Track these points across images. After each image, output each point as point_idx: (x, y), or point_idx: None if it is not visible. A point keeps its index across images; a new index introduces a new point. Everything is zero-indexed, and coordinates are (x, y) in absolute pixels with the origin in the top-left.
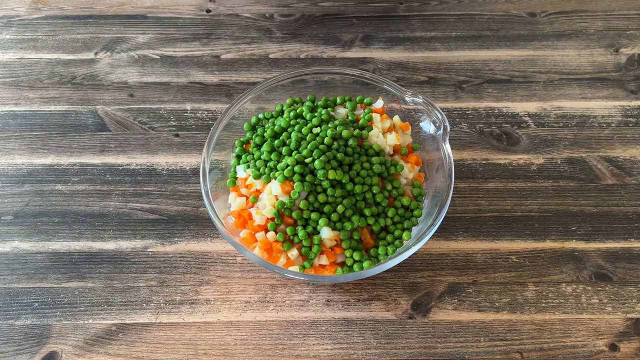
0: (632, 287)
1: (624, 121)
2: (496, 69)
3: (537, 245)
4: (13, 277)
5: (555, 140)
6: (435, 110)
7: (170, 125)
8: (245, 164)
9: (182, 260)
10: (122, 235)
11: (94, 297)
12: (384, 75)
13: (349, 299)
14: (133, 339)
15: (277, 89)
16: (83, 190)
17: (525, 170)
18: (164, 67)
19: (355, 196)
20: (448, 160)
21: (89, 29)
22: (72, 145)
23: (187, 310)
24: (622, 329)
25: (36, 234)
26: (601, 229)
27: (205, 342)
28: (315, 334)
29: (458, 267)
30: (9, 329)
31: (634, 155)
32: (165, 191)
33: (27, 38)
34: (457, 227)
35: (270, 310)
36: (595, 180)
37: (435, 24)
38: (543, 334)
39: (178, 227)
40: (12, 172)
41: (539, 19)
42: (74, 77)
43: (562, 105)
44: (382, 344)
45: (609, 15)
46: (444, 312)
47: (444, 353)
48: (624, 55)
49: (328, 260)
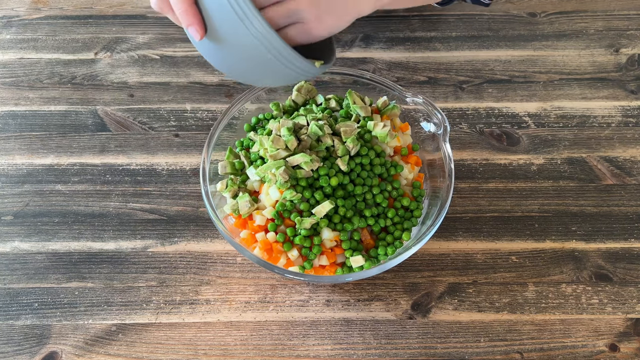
0: (632, 287)
1: (624, 121)
2: (496, 69)
3: (537, 245)
4: (13, 277)
5: (555, 140)
6: (435, 111)
7: (170, 126)
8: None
9: (182, 261)
10: (122, 236)
11: (94, 297)
12: (384, 75)
13: (349, 299)
14: (133, 339)
15: (277, 90)
16: (83, 191)
17: (525, 170)
18: (164, 67)
19: (356, 197)
20: (448, 160)
21: (89, 29)
22: (72, 146)
23: (187, 311)
24: (622, 329)
25: (36, 234)
26: (601, 229)
27: (205, 343)
28: (315, 334)
29: (458, 268)
30: (9, 329)
31: (634, 155)
32: (165, 191)
33: (27, 38)
34: (457, 227)
35: (270, 310)
36: (595, 181)
37: (435, 24)
38: (543, 334)
39: (178, 227)
40: (12, 172)
41: (539, 19)
42: (74, 77)
43: (562, 105)
44: (382, 344)
45: (609, 16)
46: (444, 313)
47: (443, 353)
48: (624, 56)
49: (328, 261)
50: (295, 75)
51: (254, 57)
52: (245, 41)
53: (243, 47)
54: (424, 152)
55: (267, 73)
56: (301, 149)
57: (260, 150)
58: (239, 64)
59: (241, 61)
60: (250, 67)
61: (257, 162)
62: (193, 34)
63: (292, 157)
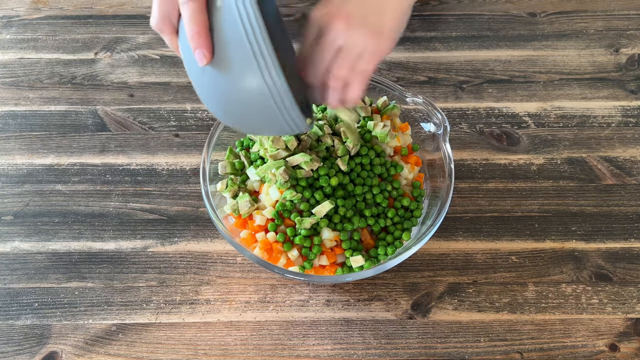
0: (632, 287)
1: (624, 121)
2: (496, 69)
3: (537, 245)
4: (13, 277)
5: (555, 140)
6: (435, 111)
7: (170, 125)
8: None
9: (182, 261)
10: (122, 236)
11: (94, 297)
12: (384, 75)
13: (349, 299)
14: (133, 339)
15: None
16: (83, 190)
17: (525, 170)
18: (164, 67)
19: (356, 197)
20: (448, 160)
21: (89, 29)
22: (72, 145)
23: (187, 311)
24: (622, 329)
25: (36, 234)
26: (601, 229)
27: (205, 342)
28: (315, 334)
29: (458, 267)
30: (9, 329)
31: (634, 155)
32: (165, 191)
33: (27, 38)
34: (457, 227)
35: (270, 310)
36: (595, 181)
37: (435, 24)
38: (543, 334)
39: (178, 227)
40: (12, 172)
41: (539, 19)
42: (74, 77)
43: (562, 105)
44: (382, 344)
45: (609, 15)
46: (444, 312)
47: (443, 353)
48: (624, 55)
49: (328, 261)
50: (287, 128)
51: (253, 101)
52: (251, 80)
53: (247, 85)
54: (424, 152)
55: (259, 118)
56: (301, 149)
57: (260, 150)
58: (234, 103)
59: (237, 100)
60: (244, 108)
61: (257, 162)
62: (199, 58)
63: (292, 157)
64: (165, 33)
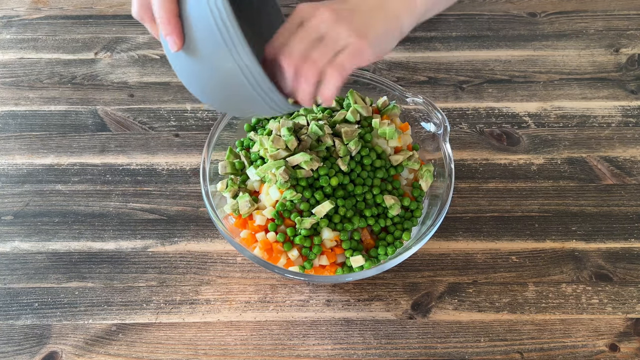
0: (632, 287)
1: (624, 121)
2: (496, 69)
3: (537, 245)
4: (13, 277)
5: (555, 140)
6: (436, 110)
7: (170, 125)
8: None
9: (182, 260)
10: (122, 236)
11: (94, 297)
12: (384, 75)
13: (349, 299)
14: (133, 339)
15: None
16: (83, 190)
17: (525, 170)
18: (164, 67)
19: (356, 197)
20: (448, 160)
21: (89, 29)
22: (72, 145)
23: (187, 311)
24: (622, 329)
25: (36, 234)
26: (601, 229)
27: (205, 342)
28: (315, 334)
29: (458, 267)
30: (9, 329)
31: (634, 155)
32: (165, 191)
33: (27, 38)
34: (457, 227)
35: (270, 310)
36: (595, 180)
37: (435, 24)
38: (543, 334)
39: (178, 227)
40: (12, 172)
41: (539, 19)
42: (74, 77)
43: (562, 105)
44: (382, 344)
45: (609, 15)
46: (444, 312)
47: (444, 353)
48: (624, 55)
49: (328, 261)
50: (267, 108)
51: (229, 81)
52: (224, 64)
53: (220, 69)
54: (424, 152)
55: (239, 100)
56: (301, 149)
57: (261, 150)
58: (212, 86)
59: (215, 83)
60: (223, 91)
61: (257, 162)
62: (170, 44)
63: (292, 157)
64: (146, 21)
